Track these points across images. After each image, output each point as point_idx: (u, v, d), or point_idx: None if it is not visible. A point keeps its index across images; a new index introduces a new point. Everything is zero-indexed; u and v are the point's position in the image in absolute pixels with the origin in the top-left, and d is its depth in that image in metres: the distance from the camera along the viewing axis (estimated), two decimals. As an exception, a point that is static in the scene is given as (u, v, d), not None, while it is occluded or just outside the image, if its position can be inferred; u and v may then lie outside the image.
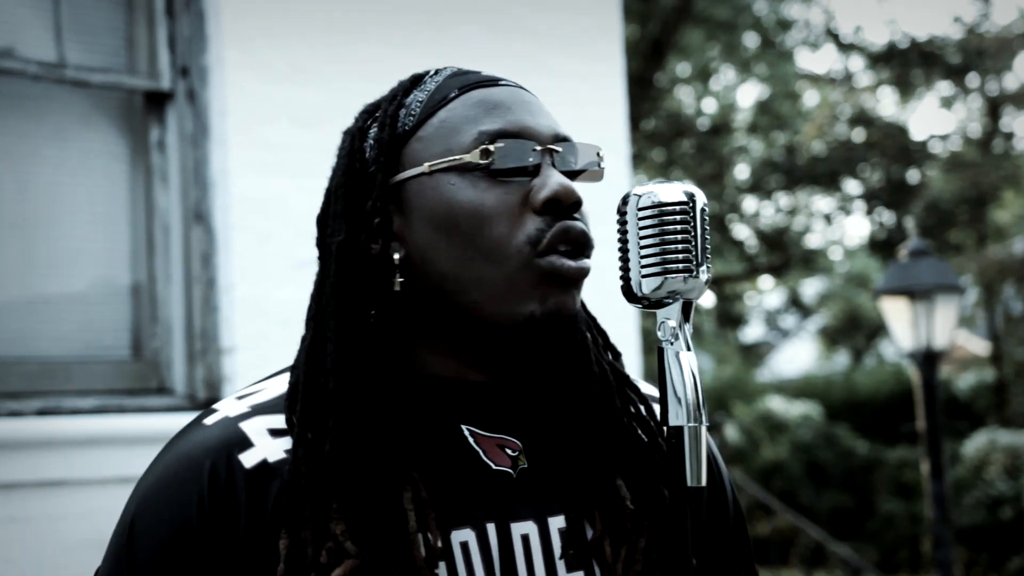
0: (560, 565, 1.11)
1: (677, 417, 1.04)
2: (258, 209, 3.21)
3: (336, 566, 1.02)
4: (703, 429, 1.04)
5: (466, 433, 1.12)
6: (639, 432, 1.18)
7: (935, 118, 39.42)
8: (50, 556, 2.78)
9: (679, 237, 1.04)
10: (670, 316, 1.06)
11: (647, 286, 1.05)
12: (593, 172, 1.17)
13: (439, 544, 1.05)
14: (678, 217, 1.04)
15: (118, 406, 3.00)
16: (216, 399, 3.09)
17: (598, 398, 1.16)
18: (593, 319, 1.24)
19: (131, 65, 3.21)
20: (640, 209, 1.05)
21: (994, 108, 17.15)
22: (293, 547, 1.04)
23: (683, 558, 1.03)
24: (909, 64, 16.78)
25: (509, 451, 1.13)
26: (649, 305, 1.07)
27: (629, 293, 1.06)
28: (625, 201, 1.06)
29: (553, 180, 1.10)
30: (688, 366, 1.04)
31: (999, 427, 12.88)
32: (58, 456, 2.84)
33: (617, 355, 1.24)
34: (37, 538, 2.77)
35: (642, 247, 1.04)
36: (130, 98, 3.21)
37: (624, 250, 1.06)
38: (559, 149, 1.13)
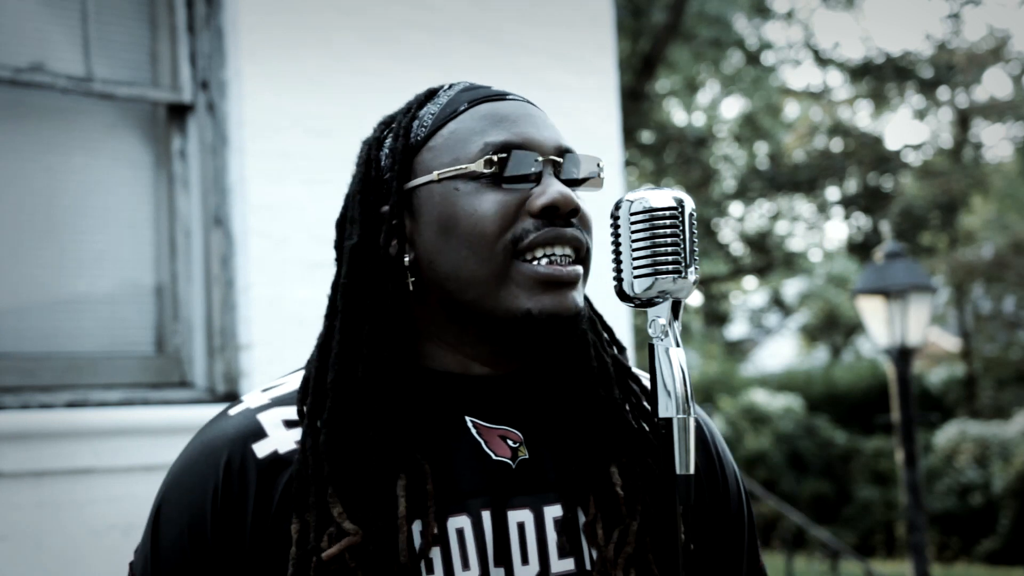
0: (553, 553, 1.10)
1: (667, 409, 1.04)
2: (274, 214, 3.20)
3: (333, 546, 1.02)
4: (691, 420, 1.04)
5: (469, 424, 1.12)
6: (640, 422, 1.18)
7: (908, 129, 39.36)
8: (78, 540, 2.78)
9: (669, 240, 1.04)
10: (660, 314, 1.06)
11: (639, 286, 1.05)
12: (594, 181, 1.17)
13: (435, 531, 1.05)
14: (668, 221, 1.04)
15: (142, 399, 2.99)
16: (234, 393, 3.08)
17: (596, 390, 1.16)
18: (598, 315, 1.23)
19: (154, 79, 3.21)
20: (632, 214, 1.05)
21: (964, 119, 17.15)
22: (301, 532, 1.04)
23: (672, 542, 1.03)
24: (884, 78, 16.79)
25: (510, 442, 1.13)
26: (640, 304, 1.07)
27: (621, 292, 1.07)
28: (618, 206, 1.07)
29: (553, 188, 1.10)
30: (677, 361, 1.05)
31: (969, 419, 12.89)
32: (86, 446, 2.84)
33: (622, 349, 1.24)
34: (66, 523, 2.77)
35: (634, 249, 1.05)
36: (153, 110, 3.21)
37: (617, 252, 1.06)
38: (561, 160, 1.13)
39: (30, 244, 3.01)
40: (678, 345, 1.06)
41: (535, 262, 1.09)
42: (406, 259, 1.12)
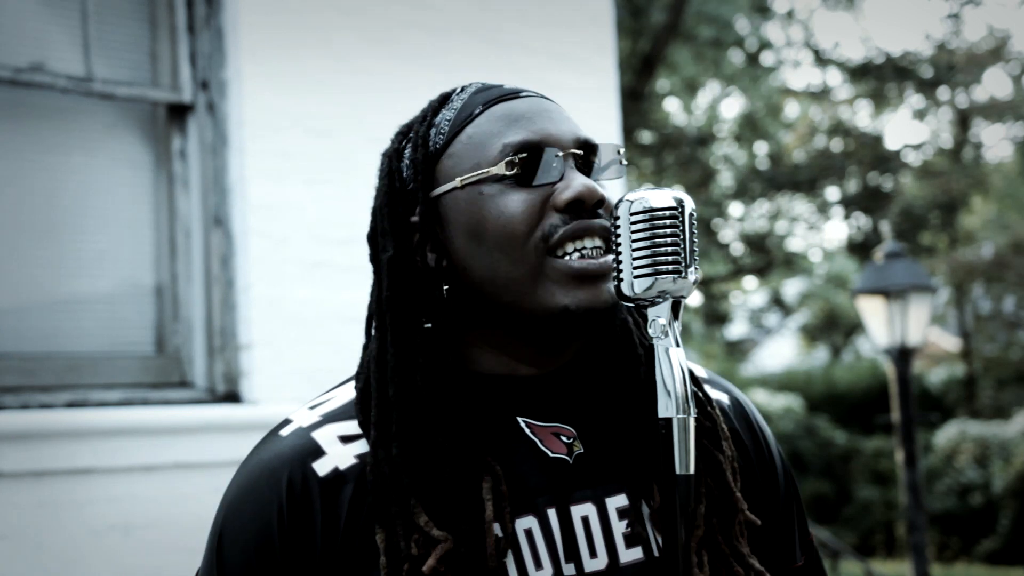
0: (620, 543, 1.10)
1: (667, 409, 1.04)
2: (274, 214, 3.20)
3: (427, 555, 1.02)
4: (691, 420, 1.04)
5: (522, 425, 1.13)
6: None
7: (908, 129, 39.38)
8: (78, 540, 2.78)
9: (669, 240, 1.04)
10: (660, 314, 1.06)
11: (639, 286, 1.05)
12: (616, 169, 1.18)
13: (509, 534, 1.05)
14: (668, 221, 1.04)
15: (142, 399, 2.99)
16: (234, 392, 3.08)
17: (647, 376, 1.15)
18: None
19: (154, 79, 3.21)
20: (632, 214, 1.05)
21: (964, 119, 17.16)
22: (389, 542, 1.04)
23: (673, 540, 1.03)
24: (884, 78, 16.79)
25: (564, 438, 1.13)
26: (641, 304, 1.07)
27: (621, 292, 1.06)
28: (618, 206, 1.06)
29: (577, 182, 1.10)
30: (677, 361, 1.04)
31: (969, 419, 12.89)
32: (86, 446, 2.83)
33: None
34: (66, 522, 2.77)
35: (634, 249, 1.04)
36: (153, 110, 3.21)
37: (617, 252, 1.06)
38: (581, 152, 1.14)
39: (30, 244, 3.01)
40: (678, 345, 1.05)
41: (567, 257, 1.09)
42: (442, 264, 1.12)
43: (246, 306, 3.12)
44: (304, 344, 3.17)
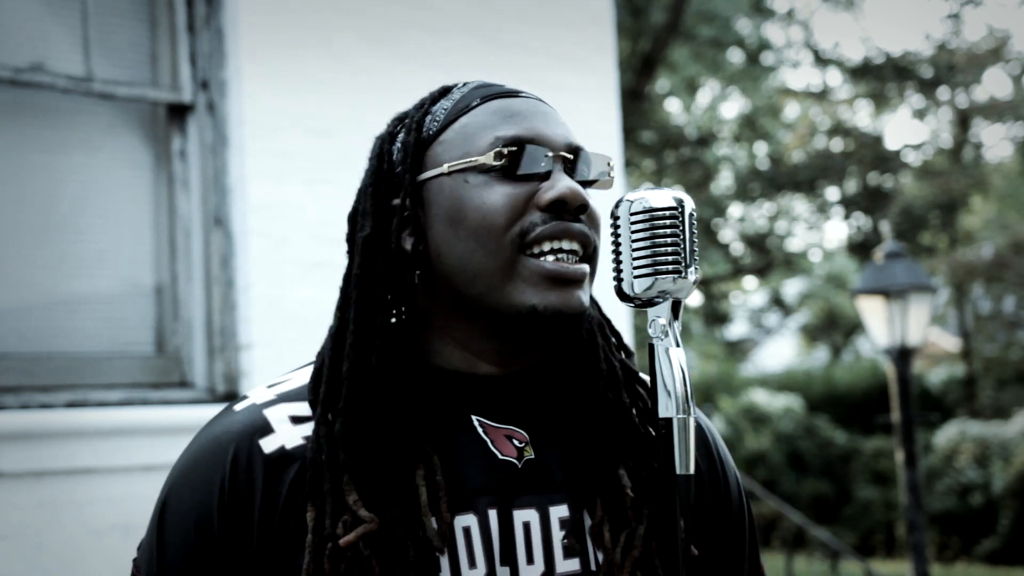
0: (558, 552, 1.10)
1: (667, 409, 1.04)
2: (274, 214, 3.20)
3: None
4: (691, 420, 1.04)
5: (476, 423, 1.12)
6: (646, 426, 1.17)
7: (908, 129, 39.38)
8: (78, 539, 2.78)
9: (669, 240, 1.04)
10: (660, 314, 1.06)
11: (639, 286, 1.05)
12: (604, 181, 1.18)
13: (445, 528, 1.05)
14: (668, 221, 1.04)
15: (142, 399, 2.99)
16: (234, 392, 3.08)
17: (604, 392, 1.16)
18: (607, 319, 1.23)
19: (154, 79, 3.21)
20: (632, 214, 1.05)
21: (964, 119, 17.16)
22: (317, 520, 1.04)
23: (673, 542, 1.03)
24: (884, 78, 16.79)
25: (516, 442, 1.13)
26: (640, 304, 1.06)
27: (621, 292, 1.06)
28: (618, 206, 1.07)
29: (562, 183, 1.10)
30: (677, 361, 1.04)
31: (969, 419, 12.89)
32: (86, 446, 2.83)
33: (630, 354, 1.24)
34: (66, 523, 2.77)
35: (634, 249, 1.04)
36: (153, 110, 3.21)
37: (617, 252, 1.06)
38: (571, 157, 1.14)
39: (30, 244, 3.01)
40: (678, 345, 1.05)
41: (542, 258, 1.09)
42: (417, 249, 1.12)
43: (246, 306, 3.12)
44: (304, 344, 3.16)
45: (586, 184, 1.16)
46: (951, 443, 11.93)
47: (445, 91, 1.20)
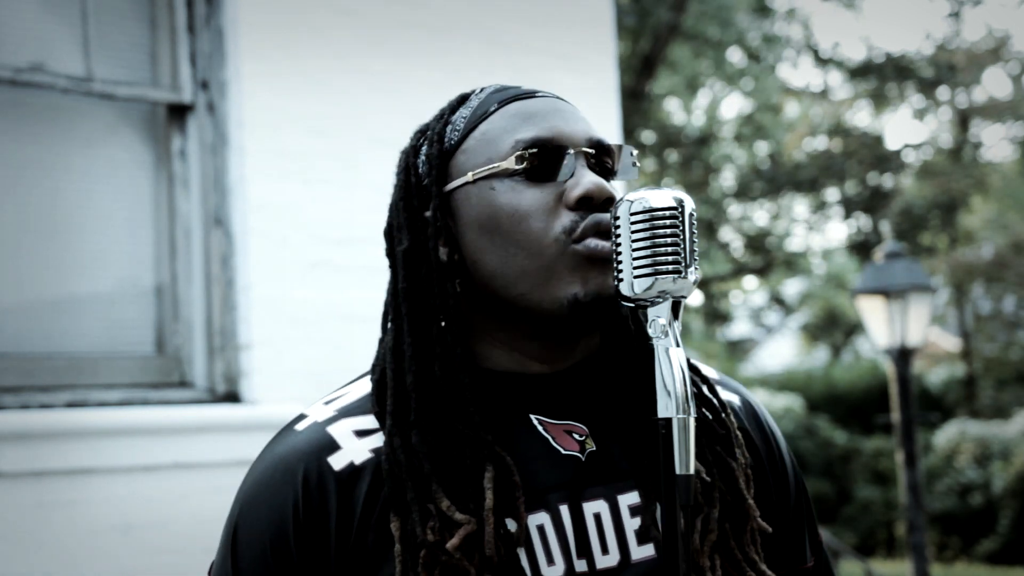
0: (632, 540, 1.10)
1: (667, 409, 1.03)
2: (274, 214, 3.20)
3: (443, 541, 1.03)
4: (691, 420, 1.04)
5: (535, 422, 1.13)
6: (702, 409, 1.18)
7: (908, 129, 39.39)
8: (77, 540, 2.78)
9: (669, 240, 1.04)
10: (660, 314, 1.06)
11: (639, 286, 1.04)
12: (628, 171, 1.19)
13: (523, 528, 1.06)
14: (668, 221, 1.04)
15: (142, 399, 2.99)
16: (234, 393, 3.08)
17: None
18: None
19: (154, 79, 3.21)
20: (632, 214, 1.05)
21: (964, 119, 17.17)
22: (404, 529, 1.05)
23: (673, 541, 1.03)
24: (884, 78, 16.79)
25: (576, 436, 1.13)
26: (641, 304, 1.06)
27: (621, 293, 1.06)
28: (618, 206, 1.07)
29: (586, 179, 1.11)
30: (677, 361, 1.04)
31: (968, 418, 12.90)
32: (86, 446, 2.83)
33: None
34: (66, 523, 2.77)
35: (634, 249, 1.04)
36: (153, 110, 3.21)
37: (617, 252, 1.06)
38: (592, 151, 1.15)
39: (30, 244, 3.01)
40: (678, 345, 1.05)
41: (589, 239, 1.10)
42: (455, 258, 1.13)
43: (246, 306, 3.12)
44: (304, 344, 3.17)
45: (610, 176, 1.17)
46: (951, 443, 11.94)
47: (463, 99, 1.21)
